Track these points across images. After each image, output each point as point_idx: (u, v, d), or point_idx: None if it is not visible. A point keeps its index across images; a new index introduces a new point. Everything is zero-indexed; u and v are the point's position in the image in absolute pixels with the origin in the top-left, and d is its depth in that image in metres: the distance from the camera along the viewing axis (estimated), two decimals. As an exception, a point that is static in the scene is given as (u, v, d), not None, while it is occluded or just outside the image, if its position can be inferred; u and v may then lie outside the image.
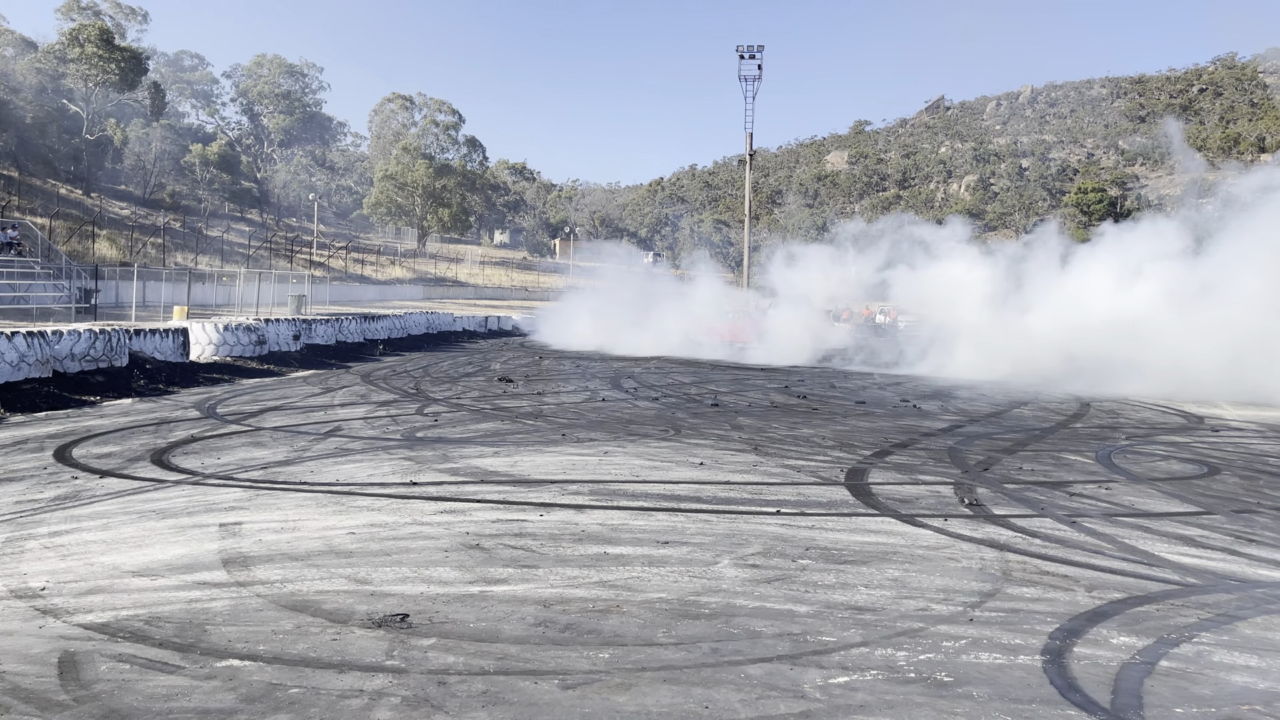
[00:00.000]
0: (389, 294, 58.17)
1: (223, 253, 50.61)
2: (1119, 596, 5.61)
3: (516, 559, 6.11)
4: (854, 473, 9.55)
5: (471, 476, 8.88)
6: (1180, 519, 7.89)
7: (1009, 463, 10.49)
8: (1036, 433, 13.13)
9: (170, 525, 6.86)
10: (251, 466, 9.18)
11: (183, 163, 74.22)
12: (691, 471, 9.41)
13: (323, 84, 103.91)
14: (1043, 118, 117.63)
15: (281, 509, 7.40)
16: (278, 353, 21.57)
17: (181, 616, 4.92)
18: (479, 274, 79.87)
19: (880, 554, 6.45)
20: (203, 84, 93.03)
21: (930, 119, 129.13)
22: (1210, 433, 13.87)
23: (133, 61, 56.19)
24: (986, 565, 6.24)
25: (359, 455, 9.95)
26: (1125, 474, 10.04)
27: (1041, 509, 8.06)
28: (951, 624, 5.06)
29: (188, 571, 5.73)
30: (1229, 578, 6.13)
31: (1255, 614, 5.40)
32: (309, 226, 78.79)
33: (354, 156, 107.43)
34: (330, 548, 6.29)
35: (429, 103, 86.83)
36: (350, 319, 27.75)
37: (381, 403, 14.75)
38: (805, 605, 5.32)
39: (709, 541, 6.67)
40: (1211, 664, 4.59)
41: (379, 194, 79.24)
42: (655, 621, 4.99)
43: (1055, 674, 4.40)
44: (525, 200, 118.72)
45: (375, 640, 4.62)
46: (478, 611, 5.07)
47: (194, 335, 19.57)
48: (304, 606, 5.10)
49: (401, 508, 7.51)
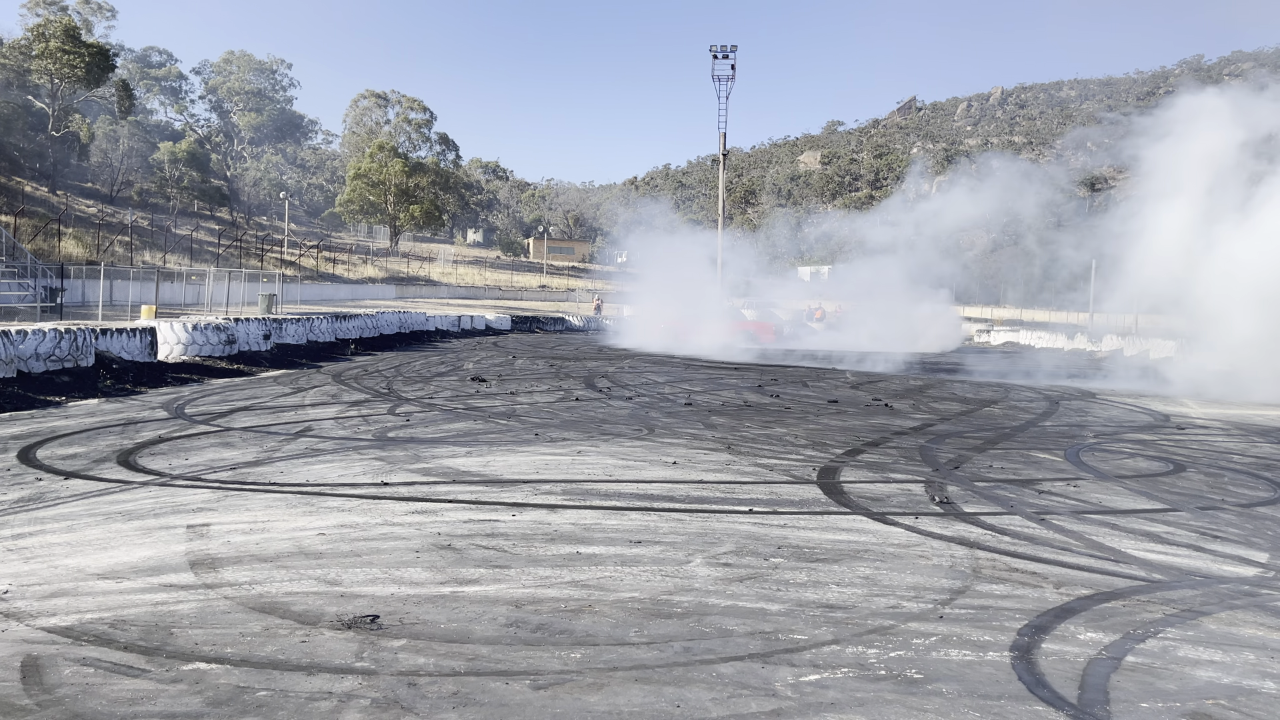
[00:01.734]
0: (361, 293, 57.77)
1: (192, 251, 50.05)
2: (1086, 593, 5.67)
3: (488, 559, 6.08)
4: (826, 471, 9.60)
5: (443, 477, 8.83)
6: (1146, 516, 7.99)
7: (979, 461, 10.58)
8: (1006, 431, 13.25)
9: (136, 527, 6.77)
10: (220, 467, 9.08)
11: (151, 160, 73.34)
12: (665, 470, 9.41)
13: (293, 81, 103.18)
14: (1013, 119, 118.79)
15: (250, 510, 7.33)
16: (248, 352, 21.36)
17: (147, 619, 4.86)
18: (452, 273, 79.50)
19: (852, 552, 6.49)
20: (171, 81, 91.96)
21: (902, 119, 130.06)
22: (1176, 431, 14.06)
23: (99, 57, 55.43)
24: (957, 563, 6.29)
25: (330, 456, 9.87)
26: (1093, 471, 10.16)
27: (1011, 506, 8.14)
28: (922, 621, 5.09)
29: (154, 574, 5.66)
30: (1194, 574, 6.21)
31: (1219, 609, 5.47)
32: (280, 225, 78.10)
33: (325, 155, 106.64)
34: (300, 549, 6.23)
35: (402, 100, 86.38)
36: (322, 318, 27.53)
37: (353, 402, 14.65)
38: (777, 603, 5.33)
39: (682, 540, 6.68)
40: (1176, 659, 4.65)
41: (351, 192, 78.67)
42: (627, 621, 4.98)
43: (1023, 670, 4.44)
44: (498, 199, 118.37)
45: (345, 642, 4.59)
46: (449, 612, 5.05)
47: (162, 335, 19.34)
48: (273, 608, 5.05)
49: (372, 508, 7.46)
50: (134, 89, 74.87)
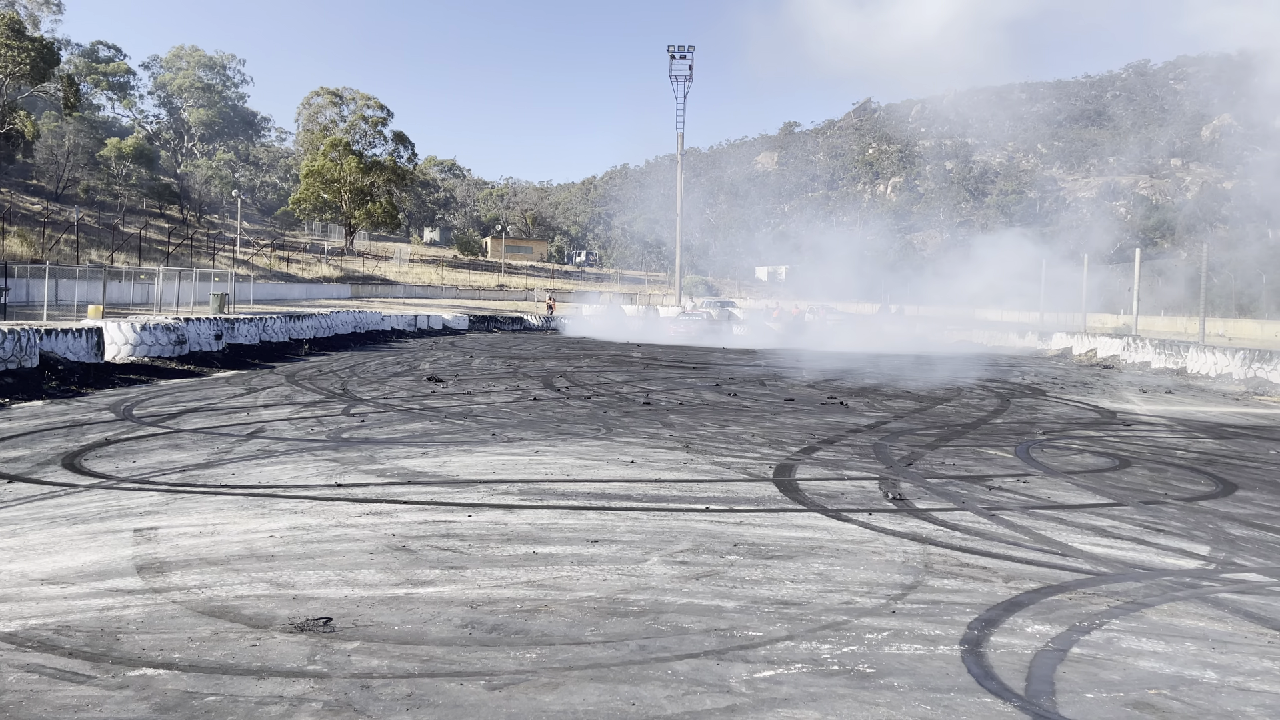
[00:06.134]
0: (316, 292, 57.09)
1: (140, 250, 49.11)
2: (1034, 586, 5.77)
3: (444, 560, 6.05)
4: (782, 469, 9.67)
5: (398, 477, 8.76)
6: (1093, 510, 8.16)
7: (932, 458, 10.72)
8: (959, 428, 13.45)
9: (82, 531, 6.64)
10: (169, 469, 8.93)
11: (98, 157, 71.84)
12: (622, 470, 9.43)
13: (245, 77, 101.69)
14: (965, 121, 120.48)
15: (200, 513, 7.22)
16: (199, 353, 21.00)
17: (93, 625, 4.77)
18: (409, 272, 78.85)
19: (806, 549, 6.55)
20: (119, 76, 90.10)
21: (857, 120, 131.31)
22: (1122, 427, 14.36)
23: (44, 52, 54.18)
24: (909, 558, 6.37)
25: (282, 457, 9.75)
26: (1042, 468, 10.34)
27: (962, 502, 8.26)
28: (874, 616, 5.16)
29: (100, 579, 5.55)
30: (1138, 566, 6.35)
31: (1162, 601, 5.60)
32: (232, 223, 76.91)
33: (279, 152, 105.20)
34: (251, 551, 6.15)
35: (357, 97, 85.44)
36: (275, 318, 27.16)
37: (307, 403, 14.47)
38: (732, 601, 5.37)
39: (638, 539, 6.69)
40: (1120, 650, 4.75)
41: (305, 190, 77.68)
42: (583, 620, 4.98)
43: (973, 663, 4.51)
44: (455, 198, 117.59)
45: (297, 645, 4.54)
46: (403, 613, 5.01)
47: (109, 335, 18.95)
48: (222, 612, 4.98)
49: (326, 510, 7.38)
50: (81, 85, 73.31)
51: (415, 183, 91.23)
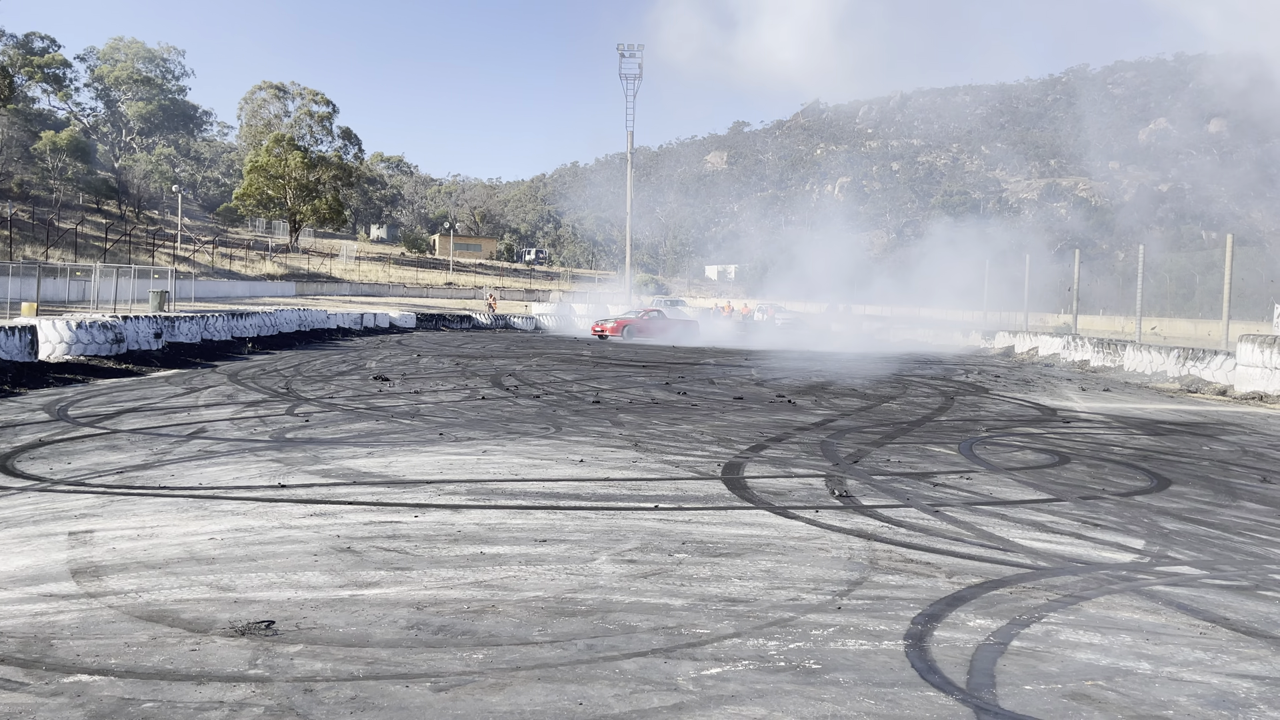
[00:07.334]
0: (260, 290, 56.12)
1: (77, 246, 47.84)
2: (976, 581, 5.88)
3: (389, 561, 5.98)
4: (730, 467, 9.72)
5: (344, 478, 8.65)
6: (1033, 506, 8.32)
7: (877, 455, 10.86)
8: (904, 425, 13.63)
9: (14, 535, 6.45)
10: (106, 471, 8.71)
11: (32, 150, 69.84)
12: (571, 469, 9.40)
13: (186, 70, 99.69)
14: (911, 123, 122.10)
15: (138, 515, 7.05)
16: (137, 351, 20.53)
17: (25, 631, 4.64)
18: (355, 270, 77.84)
19: (754, 546, 6.59)
20: (55, 68, 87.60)
21: (806, 121, 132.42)
22: (1062, 424, 14.68)
23: (-26, 41, 52.48)
24: (855, 555, 6.45)
25: (224, 458, 9.56)
26: (985, 464, 10.53)
27: (907, 499, 8.38)
28: (820, 613, 5.21)
29: (33, 583, 5.40)
30: (1075, 560, 6.50)
31: (1098, 594, 5.74)
32: (173, 219, 75.25)
33: (221, 147, 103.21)
34: (191, 554, 6.02)
35: (302, 92, 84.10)
36: (217, 316, 26.64)
37: (249, 403, 14.22)
38: (680, 599, 5.38)
39: (587, 539, 6.68)
40: (1059, 642, 4.86)
41: (249, 186, 76.27)
42: (531, 620, 4.96)
43: (916, 657, 4.58)
44: (403, 195, 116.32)
45: (238, 649, 4.45)
46: (347, 616, 4.95)
47: (43, 333, 18.44)
48: (161, 616, 4.87)
49: (269, 511, 7.26)
50: (14, 76, 71.17)
51: (362, 179, 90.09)
